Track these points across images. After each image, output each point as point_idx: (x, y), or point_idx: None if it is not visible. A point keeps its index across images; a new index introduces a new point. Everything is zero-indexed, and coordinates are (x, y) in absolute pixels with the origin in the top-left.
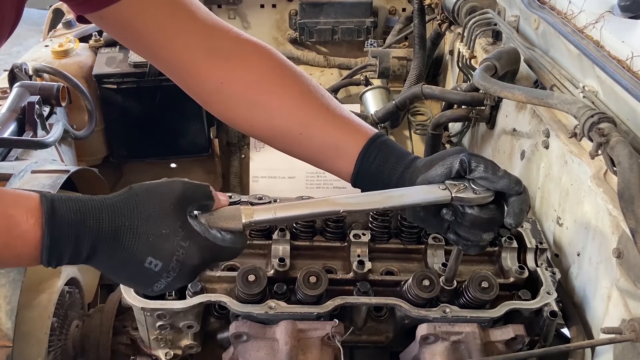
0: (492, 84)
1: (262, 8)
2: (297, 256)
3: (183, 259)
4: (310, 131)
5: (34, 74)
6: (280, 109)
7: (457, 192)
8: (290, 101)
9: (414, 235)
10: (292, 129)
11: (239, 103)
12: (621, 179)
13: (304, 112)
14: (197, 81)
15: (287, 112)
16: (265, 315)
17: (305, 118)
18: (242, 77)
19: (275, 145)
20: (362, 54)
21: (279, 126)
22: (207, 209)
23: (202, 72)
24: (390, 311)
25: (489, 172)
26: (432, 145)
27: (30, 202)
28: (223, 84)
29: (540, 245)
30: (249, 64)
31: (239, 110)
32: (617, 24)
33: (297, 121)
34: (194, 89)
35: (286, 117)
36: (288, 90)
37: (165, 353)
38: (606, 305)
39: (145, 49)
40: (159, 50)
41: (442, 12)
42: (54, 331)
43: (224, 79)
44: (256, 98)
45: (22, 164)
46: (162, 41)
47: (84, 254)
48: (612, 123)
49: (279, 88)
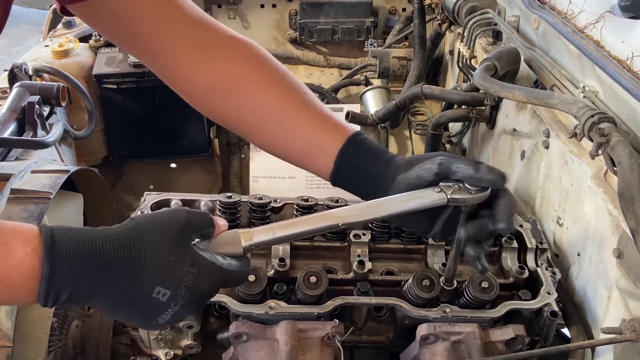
0: (492, 84)
1: (262, 8)
2: (297, 256)
3: (192, 285)
4: (291, 128)
5: (34, 74)
6: (264, 104)
7: (452, 194)
8: (274, 97)
9: (414, 235)
10: (272, 125)
11: (225, 98)
12: (621, 179)
13: (286, 109)
14: (182, 76)
15: (270, 108)
16: (266, 315)
17: (286, 114)
18: (229, 72)
19: (256, 142)
20: (362, 54)
21: (262, 121)
22: (208, 236)
23: (187, 66)
24: (390, 311)
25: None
26: (432, 145)
27: (28, 232)
28: (209, 79)
29: (541, 245)
30: (235, 59)
31: (225, 105)
32: (617, 24)
33: (279, 117)
34: (178, 84)
35: (269, 113)
36: (272, 86)
37: (165, 353)
38: (606, 305)
39: (129, 41)
40: (144, 43)
41: (442, 12)
42: (54, 331)
43: (210, 74)
44: (242, 93)
45: (22, 164)
46: (148, 34)
47: (87, 286)
48: (613, 123)
49: (264, 84)
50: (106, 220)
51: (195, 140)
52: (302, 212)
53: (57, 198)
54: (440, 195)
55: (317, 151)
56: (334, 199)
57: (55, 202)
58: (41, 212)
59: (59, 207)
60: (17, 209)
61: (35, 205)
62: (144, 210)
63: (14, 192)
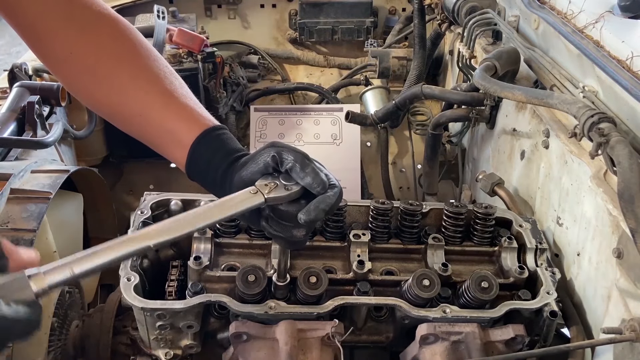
0: (492, 84)
1: (262, 8)
2: (297, 256)
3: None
4: (148, 113)
5: (33, 73)
6: (122, 87)
7: (268, 193)
8: (133, 81)
9: (414, 235)
10: (132, 108)
11: (84, 76)
12: (621, 179)
13: (145, 94)
14: (48, 48)
15: (128, 91)
16: (265, 315)
17: (145, 99)
18: (92, 50)
19: (116, 123)
20: (362, 54)
21: (120, 104)
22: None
23: (54, 39)
24: (390, 311)
25: (297, 166)
26: (432, 145)
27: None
28: (72, 54)
29: (540, 245)
30: (102, 38)
31: (83, 82)
32: (617, 24)
33: (136, 101)
34: (44, 55)
35: (126, 96)
36: (135, 69)
37: (165, 353)
38: (606, 305)
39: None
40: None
41: (442, 12)
42: (54, 331)
43: (74, 50)
44: (101, 73)
45: (22, 163)
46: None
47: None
48: (612, 123)
49: (126, 66)
50: (106, 220)
51: None
52: None
53: (57, 198)
54: (258, 197)
55: (173, 141)
56: None
57: (55, 202)
58: (41, 212)
59: (58, 207)
60: (16, 209)
61: (35, 205)
62: (144, 210)
63: (14, 191)
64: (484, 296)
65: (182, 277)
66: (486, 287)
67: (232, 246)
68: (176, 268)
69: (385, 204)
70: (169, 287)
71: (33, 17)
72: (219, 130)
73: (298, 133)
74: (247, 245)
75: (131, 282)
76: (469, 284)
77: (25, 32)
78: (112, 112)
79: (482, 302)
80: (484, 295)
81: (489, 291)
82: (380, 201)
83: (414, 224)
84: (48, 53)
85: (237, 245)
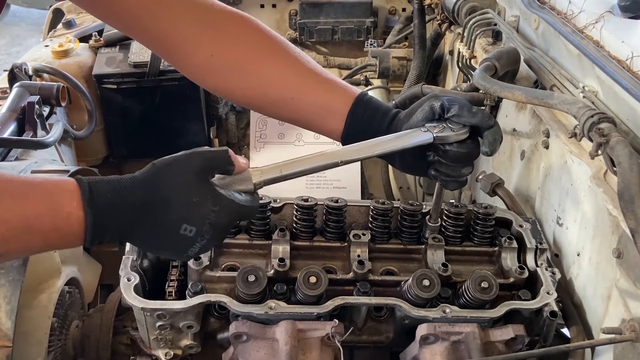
0: (492, 84)
1: (262, 8)
2: (297, 256)
3: (215, 221)
4: (301, 95)
5: (34, 74)
6: (272, 76)
7: (437, 132)
8: (281, 68)
9: (414, 235)
10: (284, 94)
11: (231, 74)
12: (621, 179)
13: (295, 77)
14: (185, 55)
15: (278, 78)
16: (265, 315)
17: (296, 83)
18: (232, 48)
19: (266, 112)
20: (362, 54)
21: (272, 93)
22: (229, 173)
23: (190, 45)
24: (390, 311)
25: (465, 109)
26: None
27: (69, 186)
28: (213, 56)
29: (540, 245)
30: (237, 35)
31: (232, 81)
32: (617, 24)
33: (288, 86)
34: (182, 63)
35: (278, 83)
36: (277, 57)
37: (165, 353)
38: (606, 305)
39: (128, 22)
40: (144, 24)
41: (442, 12)
42: (54, 331)
43: (214, 51)
44: (248, 67)
45: (22, 164)
46: (148, 15)
47: (124, 229)
48: (612, 123)
49: (269, 56)
50: None
51: (195, 140)
52: (302, 213)
53: None
54: (427, 134)
55: (327, 114)
56: (334, 199)
57: None
58: None
59: None
60: None
61: None
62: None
63: None
64: (484, 296)
65: (182, 277)
66: (486, 287)
67: (232, 246)
68: (176, 268)
69: (385, 204)
70: (169, 287)
71: (165, 29)
72: (367, 96)
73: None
74: (247, 246)
75: (131, 282)
76: (469, 284)
77: (158, 45)
78: (265, 101)
79: (482, 302)
80: (484, 296)
81: (489, 291)
82: (380, 201)
83: (414, 224)
84: (187, 59)
85: (237, 245)
